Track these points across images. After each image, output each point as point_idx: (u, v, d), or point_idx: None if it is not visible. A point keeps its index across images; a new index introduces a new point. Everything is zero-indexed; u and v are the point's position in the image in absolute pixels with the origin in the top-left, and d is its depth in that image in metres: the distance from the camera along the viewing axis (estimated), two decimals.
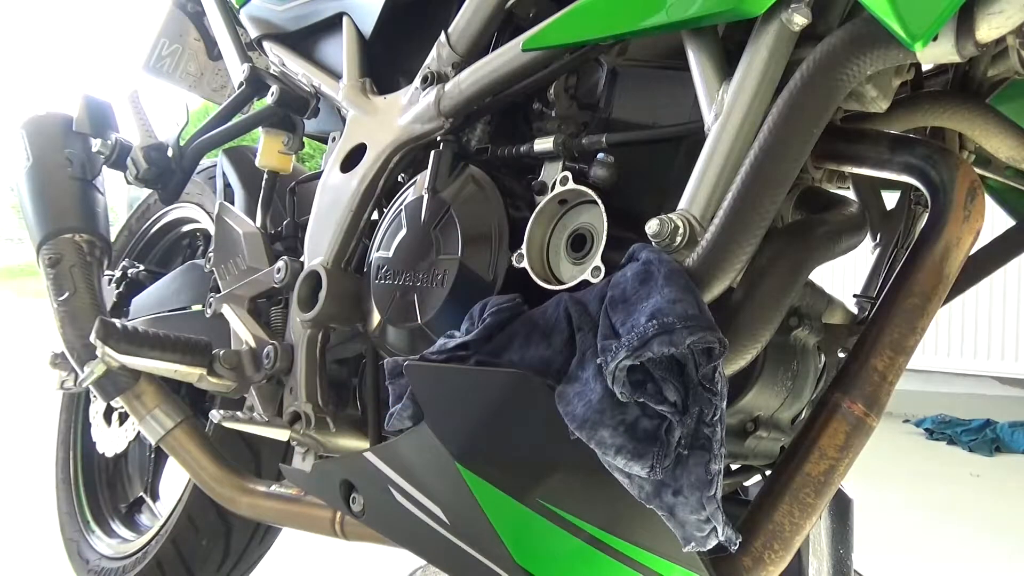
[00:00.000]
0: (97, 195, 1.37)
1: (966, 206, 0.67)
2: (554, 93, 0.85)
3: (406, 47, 1.09)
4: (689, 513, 0.58)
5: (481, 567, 0.72)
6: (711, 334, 0.56)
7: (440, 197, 0.88)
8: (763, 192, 0.61)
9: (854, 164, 0.75)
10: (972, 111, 0.78)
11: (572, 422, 0.60)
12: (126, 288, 1.61)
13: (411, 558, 1.08)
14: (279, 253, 1.13)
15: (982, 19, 0.54)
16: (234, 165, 1.42)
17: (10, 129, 1.43)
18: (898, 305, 0.68)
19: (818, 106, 0.61)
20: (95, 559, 1.62)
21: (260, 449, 1.41)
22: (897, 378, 0.67)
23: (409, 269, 0.89)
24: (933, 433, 3.94)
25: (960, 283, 0.82)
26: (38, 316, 7.64)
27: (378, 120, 1.03)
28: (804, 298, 0.81)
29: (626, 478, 0.59)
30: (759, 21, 0.64)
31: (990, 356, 4.32)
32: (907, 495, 2.85)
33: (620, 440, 0.57)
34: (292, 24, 1.24)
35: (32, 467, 2.62)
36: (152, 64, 1.57)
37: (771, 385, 0.78)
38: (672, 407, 0.57)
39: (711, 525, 0.58)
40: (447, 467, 0.72)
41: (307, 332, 1.02)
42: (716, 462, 0.58)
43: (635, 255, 0.64)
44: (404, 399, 0.76)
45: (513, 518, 0.69)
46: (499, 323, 0.71)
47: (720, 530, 0.59)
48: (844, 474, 0.67)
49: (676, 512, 0.58)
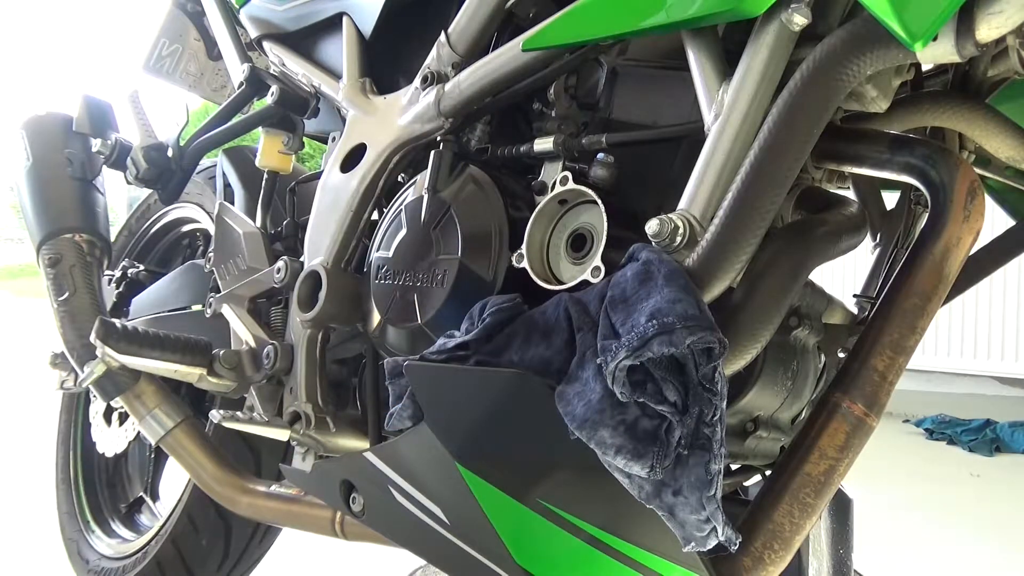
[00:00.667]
0: (97, 195, 1.37)
1: (966, 206, 0.67)
2: (554, 93, 0.85)
3: (406, 47, 1.09)
4: (689, 513, 0.58)
5: (481, 567, 0.72)
6: (711, 334, 0.56)
7: (440, 197, 0.88)
8: (763, 192, 0.61)
9: (854, 164, 0.75)
10: (972, 111, 0.78)
11: (572, 422, 0.60)
12: (126, 288, 1.61)
13: (411, 558, 1.08)
14: (279, 253, 1.13)
15: (982, 19, 0.54)
16: (234, 165, 1.42)
17: (10, 129, 1.43)
18: (898, 305, 0.68)
19: (818, 106, 0.61)
20: (95, 559, 1.62)
21: (260, 449, 1.41)
22: (897, 378, 0.67)
23: (409, 269, 0.89)
24: (933, 433, 3.94)
25: (960, 283, 0.82)
26: (38, 316, 7.63)
27: (378, 120, 1.03)
28: (804, 298, 0.81)
29: (626, 478, 0.59)
30: (759, 21, 0.64)
31: (990, 356, 4.32)
32: (907, 495, 2.85)
33: (620, 440, 0.57)
34: (292, 24, 1.24)
35: (32, 467, 2.62)
36: (152, 64, 1.57)
37: (771, 385, 0.78)
38: (672, 407, 0.57)
39: (711, 525, 0.58)
40: (447, 467, 0.72)
41: (307, 332, 1.02)
42: (716, 462, 0.58)
43: (635, 255, 0.64)
44: (404, 399, 0.76)
45: (513, 518, 0.69)
46: (499, 323, 0.71)
47: (720, 530, 0.58)
48: (844, 474, 0.67)
49: (676, 512, 0.58)
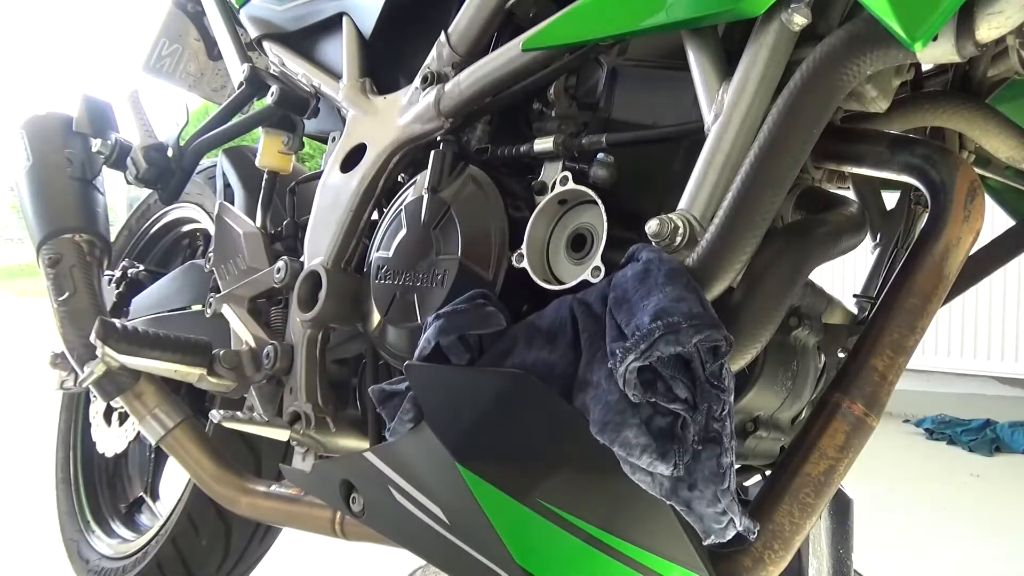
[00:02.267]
0: (97, 195, 1.37)
1: (966, 206, 0.67)
2: (554, 93, 0.85)
3: (406, 47, 1.09)
4: (706, 506, 0.59)
5: (481, 567, 0.72)
6: (717, 332, 0.57)
7: (440, 197, 0.88)
8: (763, 192, 0.61)
9: (854, 164, 0.75)
10: (972, 111, 0.78)
11: (592, 426, 0.60)
12: (126, 288, 1.61)
13: (411, 558, 1.08)
14: (279, 253, 1.13)
15: (982, 19, 0.54)
16: (234, 165, 1.42)
17: (10, 129, 1.43)
18: (898, 305, 0.68)
19: (818, 106, 0.61)
20: (95, 559, 1.62)
21: (260, 449, 1.41)
22: (897, 378, 0.67)
23: (409, 269, 0.89)
24: (933, 433, 3.94)
25: (960, 283, 0.82)
26: (38, 316, 7.63)
27: (378, 120, 1.03)
28: (804, 298, 0.81)
29: (648, 476, 0.60)
30: (759, 21, 0.64)
31: (990, 356, 4.32)
32: (907, 495, 2.85)
33: (645, 440, 0.58)
34: (292, 24, 1.24)
35: (32, 467, 2.62)
36: (152, 64, 1.57)
37: (771, 385, 0.78)
38: (684, 404, 0.58)
39: (728, 517, 0.59)
40: (447, 467, 0.72)
41: (307, 332, 1.02)
42: (728, 455, 0.59)
43: (635, 255, 0.64)
44: (405, 403, 0.76)
45: (513, 518, 0.69)
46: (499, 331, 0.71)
47: (738, 520, 0.59)
48: (844, 474, 0.67)
49: (693, 506, 0.59)
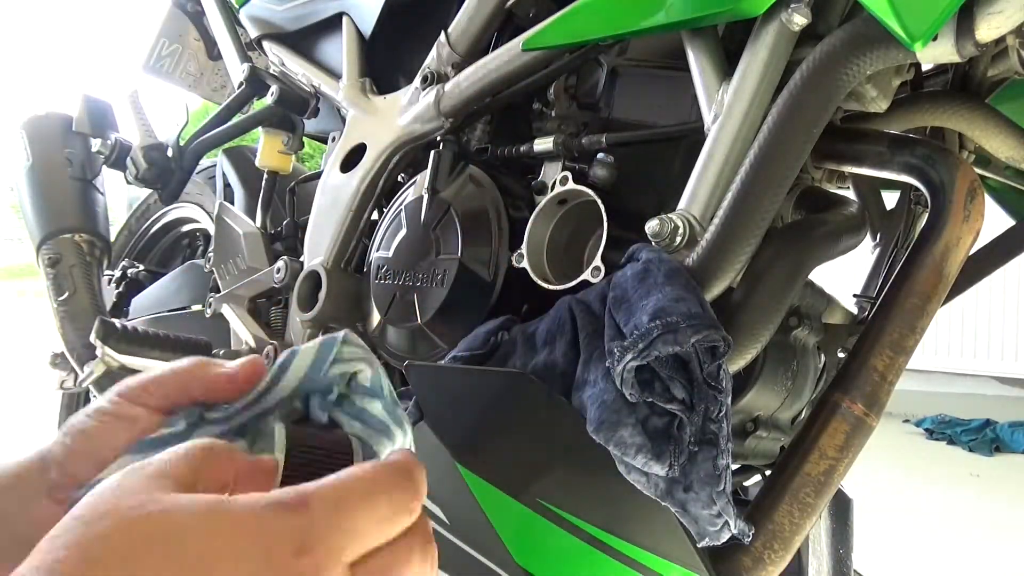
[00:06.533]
0: (97, 195, 1.37)
1: (966, 206, 0.67)
2: (554, 93, 0.85)
3: (406, 47, 1.09)
4: (701, 508, 0.59)
5: (481, 567, 0.72)
6: (715, 332, 0.56)
7: (440, 197, 0.88)
8: (763, 192, 0.61)
9: (854, 164, 0.75)
10: (972, 111, 0.78)
11: (589, 425, 0.60)
12: (126, 288, 1.61)
13: None
14: (279, 253, 1.13)
15: (982, 19, 0.54)
16: (234, 165, 1.42)
17: (10, 129, 1.43)
18: (898, 305, 0.68)
19: (818, 106, 0.61)
20: None
21: None
22: (897, 378, 0.67)
23: (409, 269, 0.89)
24: (933, 433, 3.94)
25: (960, 283, 0.82)
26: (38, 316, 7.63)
27: (378, 120, 1.03)
28: (804, 298, 0.81)
29: (643, 476, 0.60)
30: (759, 21, 0.64)
31: (990, 356, 4.32)
32: (907, 495, 2.85)
33: (640, 440, 0.58)
34: (292, 24, 1.24)
35: None
36: (152, 64, 1.57)
37: (771, 385, 0.78)
38: (681, 404, 0.58)
39: (723, 519, 0.59)
40: (447, 467, 0.72)
41: (307, 332, 1.02)
42: (724, 457, 0.58)
43: (635, 255, 0.64)
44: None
45: (513, 518, 0.69)
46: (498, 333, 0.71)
47: (732, 523, 0.59)
48: (844, 474, 0.67)
49: (689, 508, 0.59)
